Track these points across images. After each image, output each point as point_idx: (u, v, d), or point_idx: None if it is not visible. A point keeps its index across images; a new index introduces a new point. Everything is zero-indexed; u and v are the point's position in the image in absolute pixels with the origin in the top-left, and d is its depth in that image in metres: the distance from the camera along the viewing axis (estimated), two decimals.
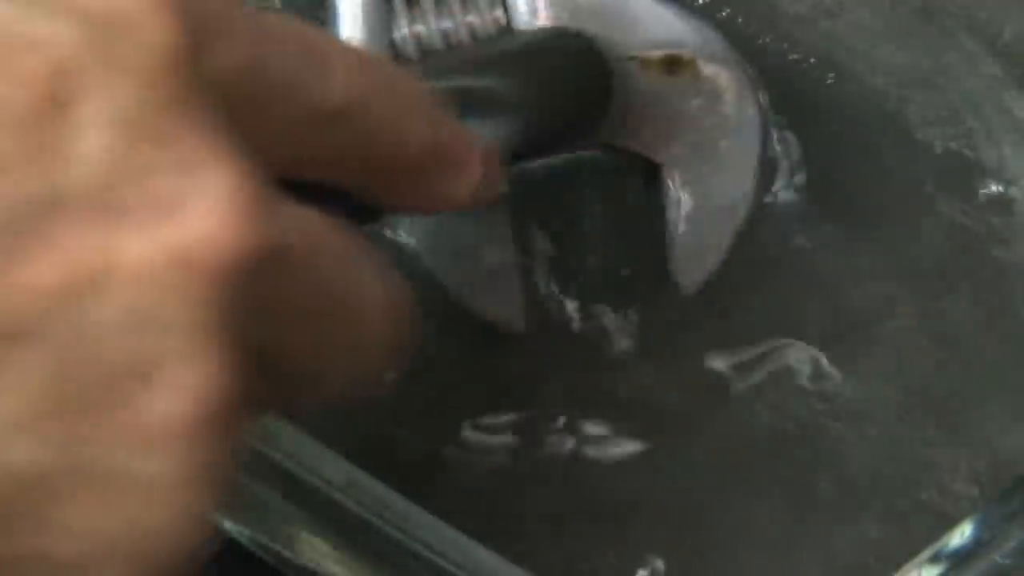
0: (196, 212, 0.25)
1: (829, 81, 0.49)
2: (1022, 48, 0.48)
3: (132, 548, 0.25)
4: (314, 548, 0.39)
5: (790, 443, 0.44)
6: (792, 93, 0.48)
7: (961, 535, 0.39)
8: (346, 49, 0.31)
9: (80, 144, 0.24)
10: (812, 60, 0.49)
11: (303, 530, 0.39)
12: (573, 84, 0.43)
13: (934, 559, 0.39)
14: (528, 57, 0.42)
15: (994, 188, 0.47)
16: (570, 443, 0.44)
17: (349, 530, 0.39)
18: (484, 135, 0.37)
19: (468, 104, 0.38)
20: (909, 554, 0.39)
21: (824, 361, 0.45)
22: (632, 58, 0.44)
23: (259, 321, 0.26)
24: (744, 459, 0.44)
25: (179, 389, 0.25)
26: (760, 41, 0.48)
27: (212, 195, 0.25)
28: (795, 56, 0.49)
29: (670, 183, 0.44)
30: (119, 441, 0.25)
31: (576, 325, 0.45)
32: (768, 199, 0.46)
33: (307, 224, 0.28)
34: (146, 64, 0.25)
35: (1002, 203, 0.47)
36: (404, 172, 0.32)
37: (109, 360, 0.24)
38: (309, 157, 0.30)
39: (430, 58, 0.43)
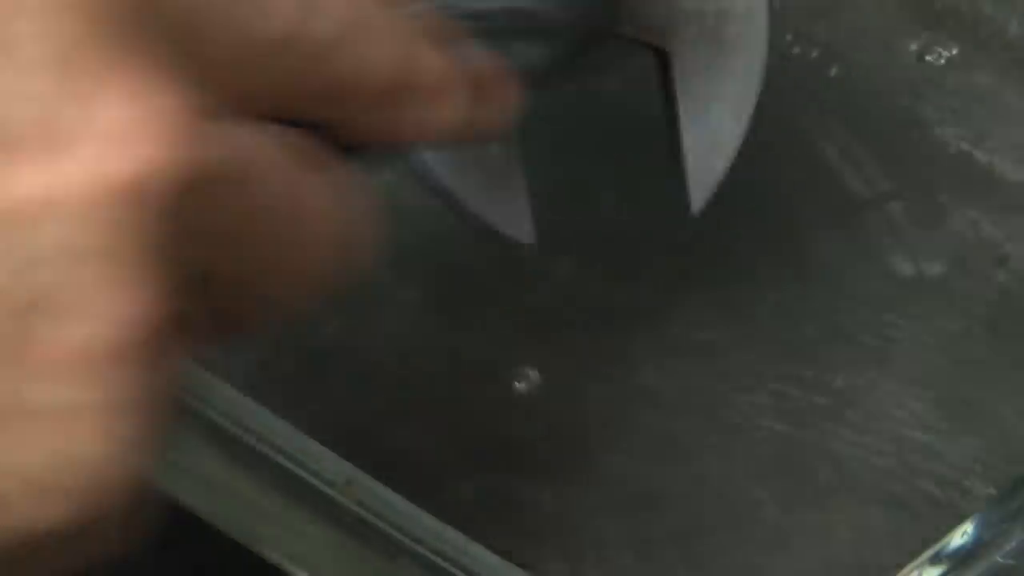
0: (115, 140, 0.24)
1: (832, 72, 0.49)
2: None
3: (54, 482, 0.25)
4: (313, 547, 0.39)
5: (793, 437, 0.44)
6: (793, 82, 0.48)
7: (962, 535, 0.39)
8: None
9: None
10: (815, 53, 0.49)
11: (302, 529, 0.39)
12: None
13: (934, 559, 0.39)
14: None
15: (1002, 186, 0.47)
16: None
17: (349, 529, 0.39)
18: (504, 60, 0.34)
19: (487, 25, 0.35)
20: (910, 553, 0.40)
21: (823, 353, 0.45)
22: None
23: (194, 245, 0.26)
24: (746, 452, 0.44)
25: (98, 317, 0.24)
26: None
27: (132, 123, 0.25)
28: (797, 49, 0.49)
29: (677, 72, 0.42)
30: (34, 374, 0.24)
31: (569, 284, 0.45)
32: None
33: (250, 145, 0.27)
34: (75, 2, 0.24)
35: (1009, 199, 0.47)
36: (368, 103, 0.31)
37: (19, 294, 0.24)
38: (264, 90, 0.29)
39: None
